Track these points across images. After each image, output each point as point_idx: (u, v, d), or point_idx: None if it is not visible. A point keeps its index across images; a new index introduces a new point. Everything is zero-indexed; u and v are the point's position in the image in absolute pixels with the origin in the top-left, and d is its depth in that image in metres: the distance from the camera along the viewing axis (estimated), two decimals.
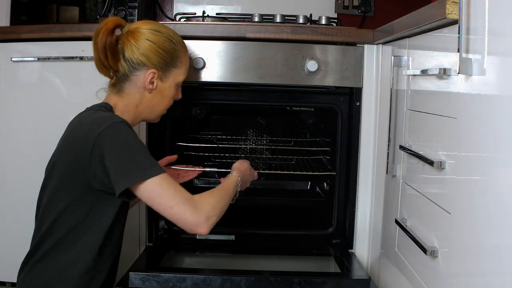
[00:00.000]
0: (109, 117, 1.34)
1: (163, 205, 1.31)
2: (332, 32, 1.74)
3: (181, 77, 1.51)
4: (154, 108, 1.49)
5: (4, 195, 1.82)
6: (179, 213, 1.31)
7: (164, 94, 1.48)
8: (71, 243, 1.35)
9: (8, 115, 1.81)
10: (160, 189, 1.30)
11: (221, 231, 1.86)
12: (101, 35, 1.37)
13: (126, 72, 1.42)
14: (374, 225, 1.75)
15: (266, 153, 2.26)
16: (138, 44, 1.41)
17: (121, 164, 1.28)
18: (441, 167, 1.13)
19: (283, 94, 1.83)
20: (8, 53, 1.78)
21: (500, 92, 0.89)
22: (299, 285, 1.48)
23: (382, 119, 1.69)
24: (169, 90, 1.48)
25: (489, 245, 0.90)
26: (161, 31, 1.45)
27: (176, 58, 1.47)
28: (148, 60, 1.42)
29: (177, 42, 1.48)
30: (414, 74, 1.36)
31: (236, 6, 2.42)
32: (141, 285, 1.48)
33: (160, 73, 1.44)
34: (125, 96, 1.44)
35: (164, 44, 1.44)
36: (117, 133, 1.31)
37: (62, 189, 1.35)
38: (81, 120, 1.38)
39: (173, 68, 1.47)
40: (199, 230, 1.32)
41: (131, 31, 1.43)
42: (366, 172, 1.78)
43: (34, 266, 1.37)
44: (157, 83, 1.45)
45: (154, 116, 1.52)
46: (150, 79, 1.43)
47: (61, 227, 1.35)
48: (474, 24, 0.98)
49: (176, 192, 1.31)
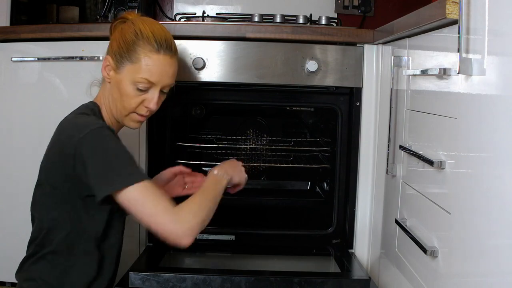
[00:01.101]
0: (89, 123, 1.29)
1: (143, 213, 1.24)
2: (332, 32, 1.74)
3: (136, 76, 1.35)
4: (115, 103, 1.39)
5: (4, 195, 1.82)
6: (159, 223, 1.24)
7: (120, 88, 1.37)
8: (68, 248, 1.34)
9: (8, 115, 1.81)
10: (141, 197, 1.23)
11: (221, 231, 1.87)
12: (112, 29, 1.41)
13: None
14: (374, 225, 1.75)
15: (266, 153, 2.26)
16: (114, 31, 1.42)
17: (101, 172, 1.24)
18: (441, 167, 1.13)
19: (283, 94, 1.83)
20: (8, 53, 1.78)
21: (500, 92, 0.89)
22: (299, 285, 1.48)
23: (382, 119, 1.69)
24: (125, 86, 1.36)
25: (489, 245, 0.90)
26: (135, 23, 1.39)
27: (132, 52, 1.36)
28: (110, 47, 1.40)
29: (143, 38, 1.36)
30: (414, 74, 1.36)
31: (236, 6, 2.42)
32: (141, 285, 1.48)
33: (113, 62, 1.37)
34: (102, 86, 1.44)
35: (126, 34, 1.37)
36: (96, 140, 1.26)
37: (52, 196, 1.34)
38: (65, 124, 1.35)
39: (127, 61, 1.36)
40: (181, 242, 1.24)
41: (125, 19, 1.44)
42: (366, 172, 1.78)
43: (32, 267, 1.37)
44: (110, 73, 1.38)
45: (120, 114, 1.40)
46: (105, 66, 1.39)
47: (56, 234, 1.34)
48: (474, 24, 0.98)
49: (158, 201, 1.24)
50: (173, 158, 1.92)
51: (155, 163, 1.83)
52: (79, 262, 1.35)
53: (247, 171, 2.21)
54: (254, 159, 2.25)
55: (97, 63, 1.73)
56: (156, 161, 1.84)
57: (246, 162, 2.24)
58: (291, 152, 2.21)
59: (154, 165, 1.83)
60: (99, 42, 1.74)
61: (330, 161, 1.97)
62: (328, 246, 1.85)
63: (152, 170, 1.82)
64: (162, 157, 1.85)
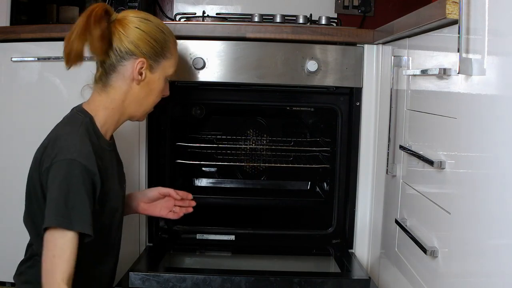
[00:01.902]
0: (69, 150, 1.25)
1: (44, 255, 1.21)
2: (332, 32, 1.74)
3: (170, 70, 1.41)
4: (141, 102, 1.39)
5: (4, 195, 1.82)
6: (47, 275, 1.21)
7: (152, 87, 1.39)
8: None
9: (8, 115, 1.81)
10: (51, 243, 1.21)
11: (221, 231, 1.87)
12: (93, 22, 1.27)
13: (113, 62, 1.34)
14: (374, 225, 1.75)
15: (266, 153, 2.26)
16: (127, 32, 1.33)
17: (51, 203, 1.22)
18: (441, 167, 1.13)
19: (283, 94, 1.83)
20: (8, 53, 1.78)
21: (500, 92, 0.89)
22: (299, 285, 1.48)
23: (382, 119, 1.69)
24: (157, 83, 1.40)
25: (489, 245, 0.90)
26: (150, 19, 1.38)
27: (166, 49, 1.38)
28: (137, 49, 1.33)
29: (167, 32, 1.40)
30: (414, 74, 1.36)
31: (236, 6, 2.42)
32: (141, 285, 1.48)
33: (150, 63, 1.36)
34: (111, 90, 1.35)
35: (154, 33, 1.36)
36: (62, 172, 1.22)
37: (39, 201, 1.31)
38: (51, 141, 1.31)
39: (162, 59, 1.38)
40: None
41: (118, 20, 1.34)
42: (366, 172, 1.78)
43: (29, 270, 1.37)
44: (146, 74, 1.36)
45: (141, 113, 1.42)
46: (139, 69, 1.34)
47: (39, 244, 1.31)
48: (474, 24, 0.98)
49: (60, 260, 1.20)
50: (173, 158, 1.92)
51: (155, 163, 1.83)
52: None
53: (247, 171, 2.22)
54: (254, 159, 2.25)
55: None
56: (156, 161, 1.84)
57: (246, 162, 2.25)
58: (291, 152, 2.21)
59: (154, 165, 1.83)
60: None
61: (330, 161, 1.97)
62: (328, 246, 1.85)
63: (152, 170, 1.82)
64: (162, 157, 1.85)
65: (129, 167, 1.76)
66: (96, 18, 1.28)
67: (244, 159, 2.24)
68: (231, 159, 2.16)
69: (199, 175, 2.25)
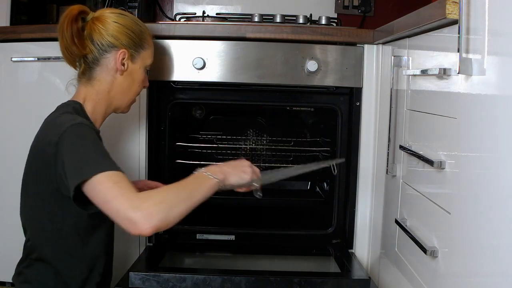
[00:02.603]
0: (70, 120, 1.28)
1: (100, 201, 1.17)
2: (332, 32, 1.74)
3: (149, 60, 1.51)
4: (125, 92, 1.47)
5: (4, 194, 1.82)
6: (115, 209, 1.15)
7: (134, 76, 1.47)
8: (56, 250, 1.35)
9: (8, 115, 1.80)
10: (98, 185, 1.17)
11: (221, 231, 1.87)
12: (67, 22, 1.36)
13: (96, 55, 1.41)
14: (374, 225, 1.75)
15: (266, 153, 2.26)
16: (106, 27, 1.41)
17: (72, 166, 1.21)
18: (441, 167, 1.13)
19: (283, 94, 1.83)
20: (8, 53, 1.78)
21: (500, 92, 0.89)
22: (299, 285, 1.48)
23: (382, 119, 1.69)
24: (139, 73, 1.48)
25: (489, 245, 0.90)
26: (126, 14, 1.47)
27: (143, 40, 1.48)
28: (117, 41, 1.42)
29: (142, 25, 1.50)
30: (414, 74, 1.36)
31: (236, 6, 2.42)
32: (141, 285, 1.48)
33: (131, 52, 1.44)
34: (96, 82, 1.43)
35: (131, 25, 1.45)
36: (72, 136, 1.25)
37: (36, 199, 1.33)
38: (45, 126, 1.35)
39: (141, 49, 1.47)
40: (139, 227, 1.13)
41: (96, 17, 1.43)
42: (366, 172, 1.78)
43: (27, 270, 1.37)
44: (128, 64, 1.45)
45: (126, 103, 1.50)
46: (121, 59, 1.43)
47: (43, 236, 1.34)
48: (474, 24, 0.98)
49: (116, 186, 1.16)
50: (173, 158, 1.92)
51: (155, 163, 1.83)
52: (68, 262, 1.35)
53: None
54: (254, 159, 2.25)
55: None
56: (156, 161, 1.84)
57: None
58: (291, 152, 2.21)
59: (154, 165, 1.83)
60: None
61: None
62: (328, 246, 1.85)
63: (152, 170, 1.82)
64: (162, 157, 1.85)
65: (129, 167, 1.76)
66: (69, 19, 1.37)
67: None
68: (231, 159, 2.16)
69: None
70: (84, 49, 1.40)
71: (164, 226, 1.16)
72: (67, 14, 1.37)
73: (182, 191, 1.24)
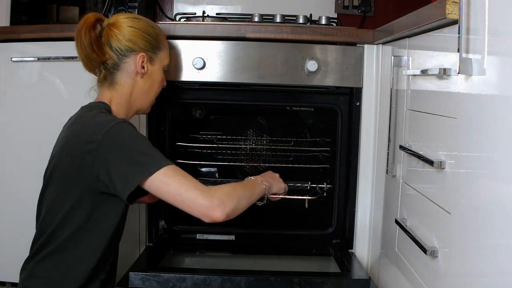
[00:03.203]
0: (111, 119, 1.36)
1: (171, 193, 1.28)
2: (332, 32, 1.74)
3: (166, 60, 1.56)
4: (146, 94, 1.52)
5: (4, 195, 1.82)
6: (189, 198, 1.28)
7: (154, 78, 1.52)
8: (75, 244, 1.36)
9: (8, 115, 1.81)
10: (166, 179, 1.28)
11: (221, 231, 1.87)
12: (84, 30, 1.40)
13: (116, 61, 1.45)
14: (374, 225, 1.75)
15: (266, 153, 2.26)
16: (122, 32, 1.45)
17: (122, 169, 1.28)
18: (441, 167, 1.13)
19: (283, 94, 1.83)
20: (8, 53, 1.78)
21: (500, 92, 0.89)
22: (299, 285, 1.48)
23: (382, 119, 1.69)
24: (158, 74, 1.53)
25: (489, 245, 0.90)
26: (140, 18, 1.51)
27: (159, 41, 1.52)
28: (135, 45, 1.46)
29: (156, 26, 1.54)
30: (414, 74, 1.36)
31: (236, 6, 2.42)
32: (141, 285, 1.48)
33: (149, 55, 1.49)
34: (118, 86, 1.47)
35: (146, 28, 1.49)
36: (118, 136, 1.31)
37: (65, 191, 1.36)
38: (83, 123, 1.38)
39: (158, 50, 1.52)
40: (214, 213, 1.28)
41: (112, 23, 1.47)
42: (366, 172, 1.78)
43: (37, 266, 1.38)
44: (148, 66, 1.49)
45: (147, 104, 1.54)
46: (141, 62, 1.47)
47: (65, 229, 1.36)
48: (474, 24, 0.98)
49: (185, 179, 1.29)
50: (173, 158, 1.92)
51: None
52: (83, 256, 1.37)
53: (247, 171, 2.22)
54: (254, 159, 2.25)
55: None
56: None
57: (246, 162, 2.24)
58: (291, 152, 2.21)
59: None
60: None
61: (330, 161, 1.97)
62: (328, 246, 1.85)
63: None
64: None
65: None
66: (86, 28, 1.41)
67: (244, 159, 2.23)
68: (231, 159, 2.16)
69: (199, 175, 2.25)
70: (104, 56, 1.44)
71: (233, 215, 1.33)
72: (83, 23, 1.41)
73: (245, 189, 1.43)
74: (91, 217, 1.36)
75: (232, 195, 1.33)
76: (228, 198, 1.31)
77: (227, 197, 1.31)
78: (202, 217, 1.29)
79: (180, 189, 1.28)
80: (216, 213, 1.28)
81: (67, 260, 1.36)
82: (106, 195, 1.34)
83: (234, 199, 1.33)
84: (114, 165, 1.28)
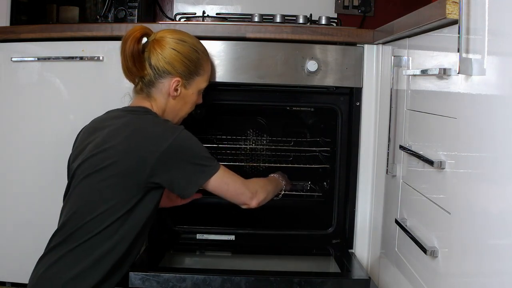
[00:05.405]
0: (176, 126, 1.46)
1: (230, 190, 1.49)
2: (332, 32, 1.74)
3: (203, 84, 1.59)
4: (177, 113, 1.57)
5: (5, 195, 1.81)
6: (240, 193, 1.52)
7: (186, 100, 1.56)
8: (109, 235, 1.38)
9: (8, 115, 1.80)
10: (224, 179, 1.47)
11: (221, 231, 1.87)
12: (129, 43, 1.45)
13: (152, 79, 1.51)
14: (374, 225, 1.75)
15: (266, 153, 2.26)
16: (164, 53, 1.49)
17: (188, 172, 1.42)
18: (441, 167, 1.13)
19: (283, 94, 1.83)
20: (8, 53, 1.78)
21: (500, 92, 0.89)
22: (299, 285, 1.48)
23: (382, 119, 1.69)
24: (191, 97, 1.57)
25: (489, 245, 0.90)
26: (185, 40, 1.53)
27: (199, 67, 1.55)
28: (173, 69, 1.50)
29: (201, 51, 1.56)
30: (414, 74, 1.36)
31: (236, 6, 2.42)
32: (141, 285, 1.48)
33: (184, 81, 1.53)
34: (153, 101, 1.53)
35: (188, 53, 1.52)
36: (184, 142, 1.42)
37: (117, 185, 1.38)
38: (146, 126, 1.44)
39: (196, 76, 1.55)
40: (252, 202, 1.54)
41: (157, 40, 1.50)
42: (366, 172, 1.78)
43: (66, 255, 1.37)
44: (181, 90, 1.53)
45: (176, 119, 1.59)
46: (174, 86, 1.51)
47: (103, 221, 1.37)
48: (474, 24, 0.98)
49: (234, 176, 1.51)
50: None
51: None
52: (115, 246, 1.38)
53: (247, 171, 2.21)
54: (254, 159, 2.25)
55: (97, 63, 1.74)
56: None
57: (246, 162, 2.24)
58: (291, 152, 2.21)
59: None
60: (99, 42, 1.74)
61: (330, 161, 1.97)
62: (328, 246, 1.85)
63: None
64: None
65: None
66: (132, 41, 1.46)
67: (244, 159, 2.24)
68: (231, 159, 2.16)
69: None
70: (143, 71, 1.50)
71: (262, 204, 1.57)
72: (129, 35, 1.46)
73: (272, 184, 1.67)
74: (131, 211, 1.39)
75: (264, 188, 1.58)
76: (262, 191, 1.56)
77: (262, 190, 1.56)
78: (241, 205, 1.55)
79: (236, 184, 1.50)
80: (253, 202, 1.54)
81: (99, 251, 1.37)
82: (152, 189, 1.41)
83: (265, 191, 1.58)
84: (179, 168, 1.40)
